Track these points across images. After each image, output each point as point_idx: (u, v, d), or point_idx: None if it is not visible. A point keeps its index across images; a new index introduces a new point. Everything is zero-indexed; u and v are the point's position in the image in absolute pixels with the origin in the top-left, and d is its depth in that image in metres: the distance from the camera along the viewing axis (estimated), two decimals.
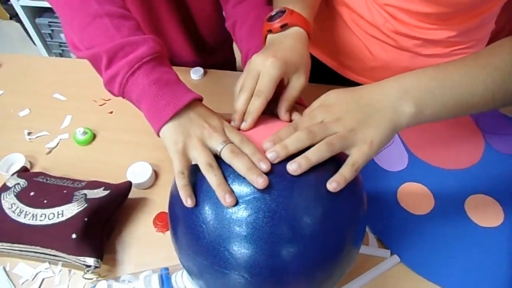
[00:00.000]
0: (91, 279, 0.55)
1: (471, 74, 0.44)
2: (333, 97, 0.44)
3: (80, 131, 0.73)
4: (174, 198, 0.44)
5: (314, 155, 0.40)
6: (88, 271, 0.53)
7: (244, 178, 0.39)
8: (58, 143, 0.74)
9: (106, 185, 0.60)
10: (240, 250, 0.38)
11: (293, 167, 0.39)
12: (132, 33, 0.47)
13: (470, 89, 0.44)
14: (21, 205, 0.57)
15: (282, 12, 0.53)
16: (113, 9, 0.48)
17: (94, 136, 0.75)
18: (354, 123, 0.42)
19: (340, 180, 0.40)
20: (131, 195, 0.63)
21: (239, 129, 0.46)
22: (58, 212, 0.55)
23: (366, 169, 0.48)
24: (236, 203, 0.39)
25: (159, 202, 0.64)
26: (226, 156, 0.41)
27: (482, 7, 0.61)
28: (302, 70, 0.49)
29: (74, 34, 0.49)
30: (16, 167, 0.68)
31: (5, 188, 0.60)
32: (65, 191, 0.58)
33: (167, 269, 0.54)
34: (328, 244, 0.40)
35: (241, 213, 0.38)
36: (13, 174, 0.63)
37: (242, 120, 0.46)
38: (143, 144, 0.72)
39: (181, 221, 0.43)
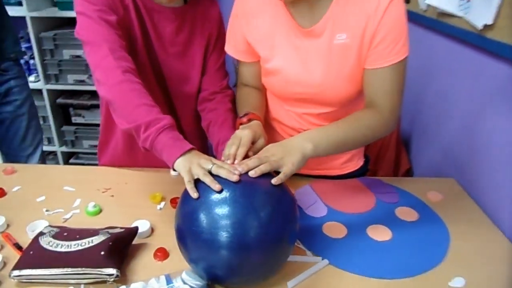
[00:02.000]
0: (112, 284, 0.74)
1: (347, 127, 0.85)
2: (270, 146, 0.81)
3: (91, 205, 0.98)
4: (183, 198, 0.73)
5: (263, 167, 0.74)
6: (111, 279, 0.74)
7: (224, 180, 0.71)
8: (71, 216, 0.97)
9: (120, 227, 0.84)
10: (224, 216, 0.67)
11: (252, 172, 0.72)
12: (157, 113, 0.83)
13: (350, 136, 0.84)
14: (57, 241, 0.79)
15: (247, 113, 0.94)
16: (145, 102, 0.85)
17: (100, 210, 0.99)
18: (282, 155, 0.77)
19: (278, 179, 0.73)
20: (136, 241, 0.87)
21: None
22: (88, 241, 0.78)
23: (302, 216, 0.86)
24: (221, 191, 0.69)
25: (156, 245, 0.87)
26: (214, 170, 0.73)
27: (358, 101, 1.03)
28: (262, 138, 0.87)
29: (121, 118, 0.84)
30: (40, 229, 0.90)
31: (40, 234, 0.82)
32: (91, 231, 0.82)
33: (168, 274, 0.76)
34: (274, 223, 0.70)
35: (222, 196, 0.69)
36: (46, 227, 0.85)
37: (233, 158, 0.79)
38: (141, 212, 0.97)
39: (190, 206, 0.71)
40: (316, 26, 0.90)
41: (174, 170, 0.80)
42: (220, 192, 0.70)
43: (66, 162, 2.29)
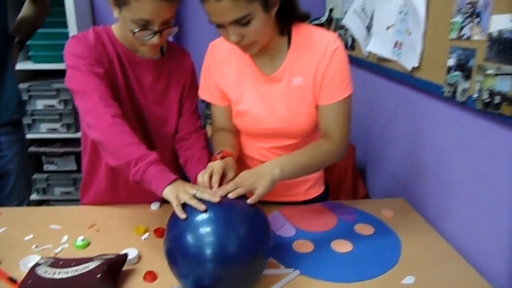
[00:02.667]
0: None
1: (307, 154, 1.01)
2: (244, 173, 0.94)
3: (80, 238, 1.06)
4: (171, 223, 0.84)
5: (240, 190, 0.87)
6: None
7: (207, 203, 0.83)
8: (61, 250, 1.04)
9: (112, 254, 0.93)
10: (208, 233, 0.79)
11: (231, 195, 0.85)
12: (145, 150, 0.96)
13: (310, 161, 1.00)
14: (54, 269, 0.87)
15: (220, 152, 1.07)
16: (133, 141, 0.98)
17: (89, 243, 1.07)
18: (254, 179, 0.91)
19: (253, 199, 0.87)
20: (124, 268, 0.95)
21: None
22: (84, 266, 0.87)
23: (274, 237, 0.99)
24: (205, 212, 0.82)
25: (144, 270, 0.96)
26: (198, 194, 0.86)
27: (315, 133, 1.19)
28: (232, 170, 1.00)
29: (112, 156, 0.95)
30: (34, 263, 0.96)
31: (36, 265, 0.89)
32: (86, 259, 0.90)
33: None
34: (251, 237, 0.82)
35: (206, 216, 0.81)
36: (41, 258, 0.92)
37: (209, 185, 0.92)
38: (127, 242, 1.06)
39: (179, 229, 0.82)
40: (276, 73, 1.07)
41: (160, 201, 0.91)
42: (204, 212, 0.82)
43: None
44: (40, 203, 2.32)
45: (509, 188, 0.93)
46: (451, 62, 1.09)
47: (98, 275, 0.84)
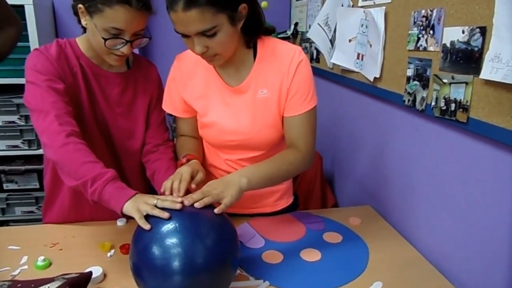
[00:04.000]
0: None
1: (273, 164, 1.02)
2: (211, 182, 0.94)
3: (40, 258, 1.01)
4: (136, 237, 0.82)
5: (206, 199, 0.87)
6: None
7: (172, 212, 0.82)
8: (19, 272, 0.99)
9: (75, 273, 0.89)
10: (175, 244, 0.78)
11: (197, 204, 0.85)
12: (101, 168, 0.94)
13: (276, 171, 1.01)
14: None
15: (185, 155, 1.07)
16: (89, 159, 0.96)
17: (50, 263, 1.02)
18: (222, 189, 0.91)
19: (220, 209, 0.87)
20: (89, 287, 0.91)
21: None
22: (45, 287, 0.82)
23: (243, 248, 1.01)
24: (170, 221, 0.80)
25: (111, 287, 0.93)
26: (159, 203, 0.85)
27: (281, 144, 1.20)
28: (200, 172, 1.00)
29: (69, 176, 0.94)
30: None
31: None
32: (46, 279, 0.86)
33: None
34: (218, 247, 0.81)
35: (172, 226, 0.80)
36: None
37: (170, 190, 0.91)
38: (92, 260, 1.02)
39: (144, 241, 0.80)
40: (242, 85, 1.08)
41: (123, 215, 0.89)
42: (168, 220, 0.81)
43: None
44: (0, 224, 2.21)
45: (467, 189, 0.97)
46: (409, 72, 1.14)
47: None
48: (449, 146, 1.03)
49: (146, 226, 0.82)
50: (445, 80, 0.98)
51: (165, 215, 0.82)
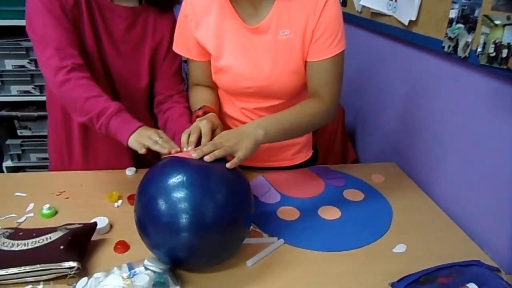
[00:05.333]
0: (74, 277, 0.75)
1: (294, 115, 0.92)
2: (224, 132, 0.86)
3: (46, 207, 0.97)
4: (141, 189, 0.76)
5: (218, 152, 0.78)
6: (72, 272, 0.74)
7: (181, 165, 0.75)
8: (25, 219, 0.96)
9: (79, 223, 0.85)
10: (182, 199, 0.71)
11: (207, 158, 0.77)
12: (105, 102, 0.90)
13: (297, 123, 0.92)
14: (12, 241, 0.78)
15: (202, 107, 0.99)
16: (92, 94, 0.91)
17: (56, 212, 0.98)
18: (236, 141, 0.82)
19: (233, 163, 0.78)
20: (95, 237, 0.87)
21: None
22: (46, 237, 0.78)
23: (257, 203, 0.95)
24: (176, 172, 0.74)
25: (116, 239, 0.88)
26: (161, 142, 0.82)
27: (303, 93, 1.10)
28: (219, 127, 0.92)
29: (75, 113, 0.91)
30: None
31: None
32: (49, 229, 0.82)
33: (130, 263, 0.78)
34: (229, 204, 0.74)
35: (179, 180, 0.72)
36: None
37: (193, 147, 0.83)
38: (98, 210, 0.97)
39: (148, 194, 0.73)
40: (261, 24, 0.96)
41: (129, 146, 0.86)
42: (176, 173, 0.73)
43: None
44: (16, 169, 2.22)
45: (509, 151, 0.86)
46: (453, 13, 0.99)
47: (61, 247, 0.76)
48: (493, 99, 0.91)
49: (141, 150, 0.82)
50: (497, 22, 0.84)
51: (166, 150, 0.80)
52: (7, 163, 2.16)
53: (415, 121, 1.24)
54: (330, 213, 1.00)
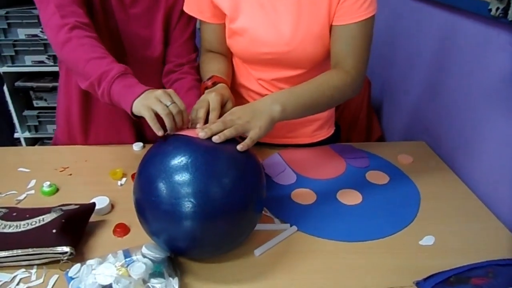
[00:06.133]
0: (67, 263, 0.69)
1: (314, 88, 0.81)
2: (235, 108, 0.76)
3: (46, 184, 0.92)
4: (141, 167, 0.69)
5: (228, 132, 0.69)
6: (65, 257, 0.69)
7: (186, 146, 0.67)
8: (25, 197, 0.91)
9: (76, 204, 0.79)
10: (185, 184, 0.62)
11: (215, 138, 0.68)
12: (107, 65, 0.80)
13: (313, 98, 0.80)
14: (5, 222, 0.73)
15: (211, 77, 0.89)
16: (94, 55, 0.82)
17: (57, 189, 0.93)
18: (248, 118, 0.73)
19: (244, 145, 0.69)
20: (94, 218, 0.82)
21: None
22: (39, 219, 0.73)
23: (270, 184, 0.88)
24: (181, 154, 0.65)
25: (116, 221, 0.82)
26: (172, 109, 0.71)
27: (326, 63, 0.99)
28: (230, 101, 0.83)
29: (79, 76, 0.83)
30: None
31: None
32: (43, 209, 0.76)
33: (127, 249, 0.72)
34: (238, 190, 0.65)
35: (183, 162, 0.64)
36: None
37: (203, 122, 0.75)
38: (101, 189, 0.92)
39: (148, 173, 0.66)
40: None
41: (134, 115, 0.76)
42: (181, 155, 0.65)
43: None
44: (34, 141, 2.21)
45: None
46: None
47: (54, 230, 0.71)
48: None
49: (159, 132, 0.70)
50: None
51: (173, 125, 0.71)
52: (25, 134, 2.15)
53: (449, 96, 1.10)
54: (350, 198, 0.91)
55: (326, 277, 0.71)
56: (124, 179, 0.97)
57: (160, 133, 0.70)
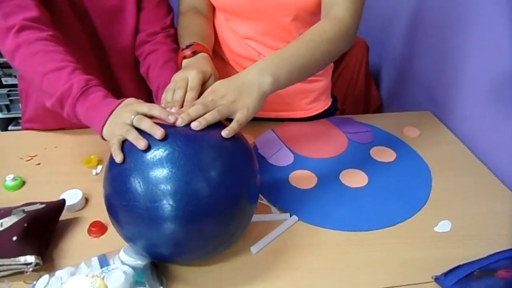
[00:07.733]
0: (34, 274, 0.59)
1: (305, 47, 0.68)
2: (217, 84, 0.64)
3: (9, 177, 0.80)
4: (110, 163, 0.58)
5: (209, 116, 0.57)
6: (29, 269, 0.59)
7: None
8: None
9: (41, 202, 0.68)
10: (162, 181, 0.52)
11: (195, 124, 0.56)
12: (65, 79, 0.66)
13: (307, 57, 0.68)
14: None
15: (191, 45, 0.75)
16: (50, 67, 0.68)
17: (23, 183, 0.82)
18: (234, 97, 0.61)
19: (230, 130, 0.57)
20: (66, 216, 0.71)
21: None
22: None
23: (265, 166, 0.77)
24: (155, 149, 0.53)
25: (91, 218, 0.72)
26: (135, 122, 0.58)
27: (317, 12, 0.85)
28: (213, 77, 0.71)
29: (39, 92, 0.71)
30: None
31: None
32: (2, 211, 0.65)
33: (104, 255, 0.62)
34: (229, 181, 0.55)
35: (158, 157, 0.53)
36: None
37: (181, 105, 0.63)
38: (73, 180, 0.81)
39: (118, 179, 0.55)
40: None
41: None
42: (147, 151, 0.54)
43: (6, 129, 2.04)
44: (7, 122, 2.06)
45: None
46: None
47: (14, 238, 0.60)
48: None
49: (116, 157, 0.56)
50: None
51: (141, 144, 0.54)
52: None
53: (458, 60, 1.00)
54: (355, 179, 0.82)
55: (332, 277, 0.62)
56: (99, 167, 0.85)
57: (118, 158, 0.56)
